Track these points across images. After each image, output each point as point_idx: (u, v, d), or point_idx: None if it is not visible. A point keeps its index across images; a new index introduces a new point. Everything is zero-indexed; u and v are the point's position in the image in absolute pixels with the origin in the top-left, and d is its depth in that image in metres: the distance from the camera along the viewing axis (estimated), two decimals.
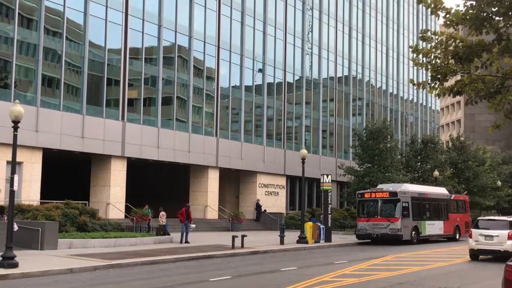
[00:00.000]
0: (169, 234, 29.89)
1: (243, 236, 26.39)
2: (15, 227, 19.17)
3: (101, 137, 35.53)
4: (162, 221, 30.40)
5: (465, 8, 11.62)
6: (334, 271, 18.01)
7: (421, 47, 12.99)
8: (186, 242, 28.18)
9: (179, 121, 41.34)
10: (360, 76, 62.08)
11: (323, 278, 16.25)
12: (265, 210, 46.41)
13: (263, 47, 48.93)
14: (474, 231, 23.22)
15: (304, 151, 32.72)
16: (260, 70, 48.82)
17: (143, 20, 38.72)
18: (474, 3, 11.45)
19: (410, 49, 13.32)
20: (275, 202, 49.36)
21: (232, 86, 46.28)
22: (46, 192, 33.47)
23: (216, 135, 43.97)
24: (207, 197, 43.43)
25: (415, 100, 73.28)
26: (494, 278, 16.32)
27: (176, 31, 41.01)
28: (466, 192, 50.52)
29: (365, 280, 16.04)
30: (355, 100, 61.39)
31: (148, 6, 39.13)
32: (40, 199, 31.90)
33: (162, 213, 30.65)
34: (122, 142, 36.81)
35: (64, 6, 33.97)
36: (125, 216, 35.69)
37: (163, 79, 39.93)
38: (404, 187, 34.98)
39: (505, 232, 22.25)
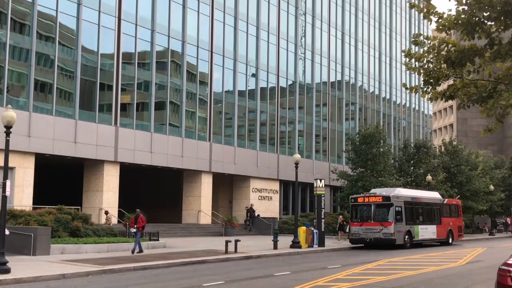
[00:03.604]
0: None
1: (236, 241, 26.34)
2: (7, 232, 19.06)
3: (93, 142, 35.44)
4: (110, 223, 32.16)
5: (457, 13, 11.68)
6: (328, 276, 18.00)
7: (413, 52, 13.04)
8: (134, 251, 24.65)
9: (172, 126, 41.29)
10: (353, 81, 62.24)
11: (317, 283, 16.22)
12: (258, 215, 46.36)
13: (256, 52, 49.00)
14: None
15: (297, 156, 32.71)
16: (253, 75, 48.87)
17: (136, 25, 38.71)
18: (466, 8, 11.51)
19: (403, 54, 13.38)
20: (269, 206, 49.33)
21: (225, 91, 46.30)
22: (39, 197, 33.35)
23: (209, 140, 43.94)
24: (200, 202, 43.36)
25: (407, 105, 73.54)
26: (487, 282, 16.36)
27: (169, 36, 41.01)
28: (458, 196, 50.64)
29: (358, 284, 16.02)
30: (348, 104, 61.54)
31: (141, 11, 39.13)
32: (33, 204, 31.76)
33: (109, 215, 33.82)
34: (115, 147, 36.73)
35: (56, 11, 33.93)
36: (118, 221, 35.59)
37: (156, 84, 39.89)
38: (397, 192, 35.02)
39: None
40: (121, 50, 37.59)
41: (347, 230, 38.82)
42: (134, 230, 25.22)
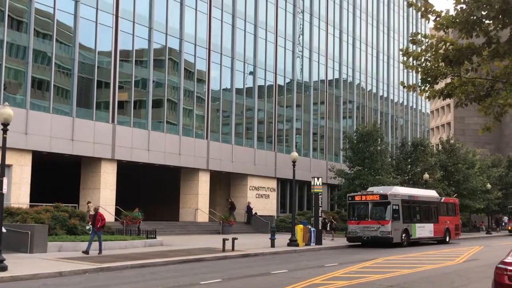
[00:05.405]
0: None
1: (233, 239, 26.34)
2: (3, 230, 19.01)
3: (91, 139, 35.39)
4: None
5: (455, 11, 11.66)
6: (325, 274, 17.99)
7: (411, 50, 13.01)
8: (86, 252, 22.72)
9: (169, 124, 41.25)
10: (350, 79, 62.23)
11: (314, 281, 16.22)
12: (256, 213, 46.39)
13: (254, 50, 48.95)
14: None
15: (294, 154, 32.72)
16: (251, 73, 48.83)
17: (134, 22, 38.64)
18: (464, 6, 11.49)
19: (401, 52, 13.35)
20: (266, 205, 49.34)
21: (223, 89, 46.26)
22: (36, 195, 33.27)
23: (207, 138, 43.91)
24: (198, 200, 43.34)
25: (405, 103, 73.58)
26: (484, 280, 16.38)
27: (166, 34, 40.95)
28: (456, 195, 50.71)
29: (355, 282, 16.03)
30: (346, 103, 61.55)
31: (138, 9, 39.06)
32: (30, 202, 31.71)
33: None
34: (112, 145, 36.68)
35: (54, 8, 33.84)
36: (115, 219, 35.57)
37: (153, 81, 39.84)
38: (394, 190, 35.06)
39: None
40: (118, 48, 37.52)
41: (328, 228, 38.70)
42: (89, 227, 24.37)
